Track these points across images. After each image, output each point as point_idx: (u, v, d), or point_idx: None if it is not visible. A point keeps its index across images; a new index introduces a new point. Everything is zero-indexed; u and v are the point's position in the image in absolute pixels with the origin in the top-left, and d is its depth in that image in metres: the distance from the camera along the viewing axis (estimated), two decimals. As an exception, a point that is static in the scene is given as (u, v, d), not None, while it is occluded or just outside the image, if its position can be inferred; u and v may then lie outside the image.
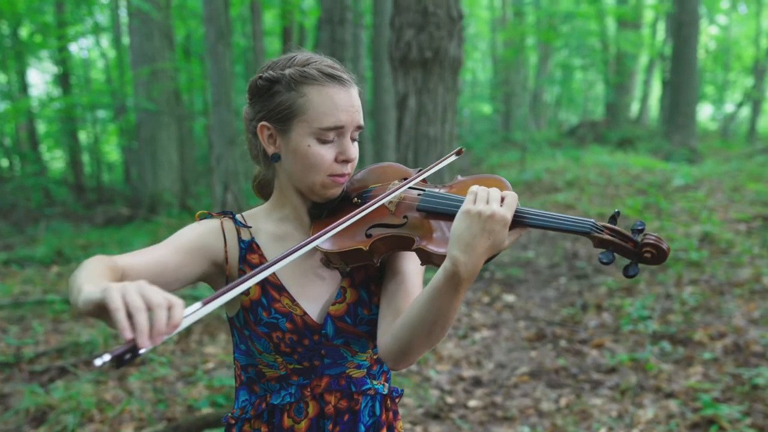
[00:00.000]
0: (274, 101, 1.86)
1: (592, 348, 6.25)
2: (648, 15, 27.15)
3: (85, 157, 25.14)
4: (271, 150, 1.90)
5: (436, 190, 1.87)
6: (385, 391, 1.98)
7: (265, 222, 1.97)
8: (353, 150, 1.87)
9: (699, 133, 19.09)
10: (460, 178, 1.92)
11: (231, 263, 1.91)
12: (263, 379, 1.93)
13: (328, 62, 1.89)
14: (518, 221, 1.68)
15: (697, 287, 7.30)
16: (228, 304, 1.93)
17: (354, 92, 1.89)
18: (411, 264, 1.95)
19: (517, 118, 28.36)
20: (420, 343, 1.73)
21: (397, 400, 2.05)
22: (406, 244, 1.80)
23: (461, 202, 1.75)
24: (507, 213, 1.64)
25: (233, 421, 1.99)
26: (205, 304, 1.42)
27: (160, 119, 14.62)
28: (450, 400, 5.35)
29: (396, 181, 1.95)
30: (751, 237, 8.83)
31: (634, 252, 1.62)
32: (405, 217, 1.83)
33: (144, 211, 14.33)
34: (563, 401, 5.27)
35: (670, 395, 5.16)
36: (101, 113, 24.12)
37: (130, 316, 1.29)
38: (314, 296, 1.92)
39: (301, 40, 21.70)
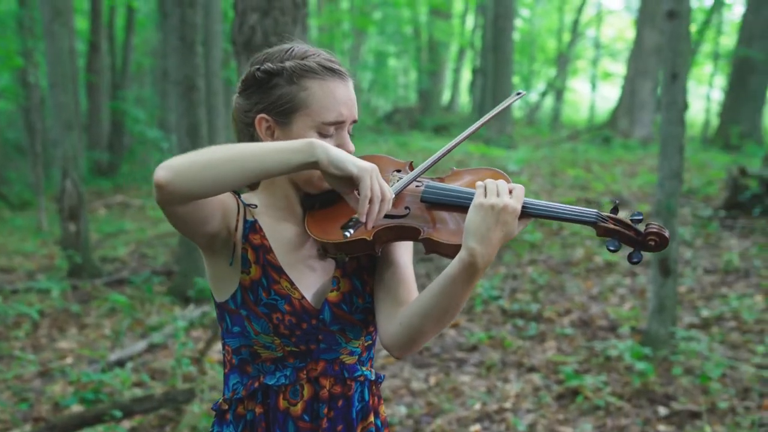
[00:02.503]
0: (274, 94, 1.88)
1: (450, 328, 6.51)
2: (458, 6, 28.17)
3: None
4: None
5: (436, 181, 1.94)
6: (373, 377, 2.04)
7: (260, 209, 1.97)
8: (351, 143, 1.92)
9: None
10: (455, 169, 2.00)
11: (237, 235, 1.91)
12: (258, 359, 1.93)
13: (325, 55, 1.93)
14: (526, 212, 1.79)
15: (538, 267, 7.77)
16: (219, 288, 1.94)
17: (351, 85, 1.94)
18: (405, 254, 2.02)
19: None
20: (430, 330, 1.83)
21: (380, 385, 2.12)
22: (412, 234, 1.86)
23: (465, 193, 1.85)
24: (518, 205, 1.76)
25: (226, 406, 1.98)
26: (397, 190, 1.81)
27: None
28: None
29: (394, 172, 2.00)
30: (577, 219, 9.44)
31: (639, 240, 1.77)
32: (407, 207, 1.89)
33: (-49, 199, 13.33)
34: (432, 380, 5.48)
35: (532, 369, 5.49)
36: None
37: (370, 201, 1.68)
38: (309, 284, 1.95)
39: (111, 20, 20.83)
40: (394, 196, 1.76)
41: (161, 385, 5.20)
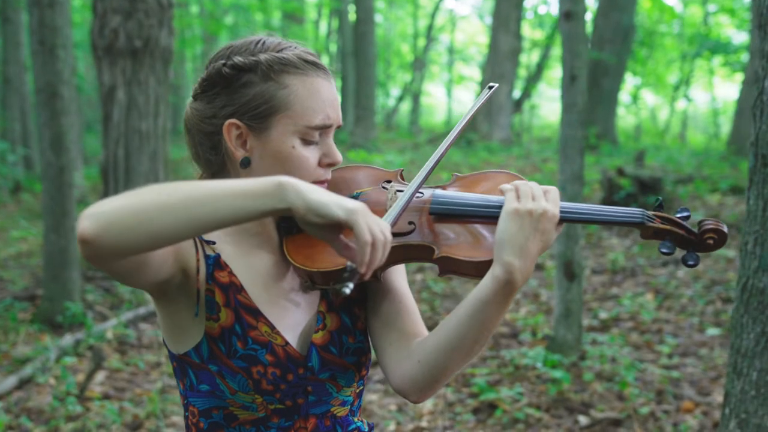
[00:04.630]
0: (247, 94, 1.57)
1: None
2: (311, 12, 27.96)
3: None
4: (240, 153, 1.59)
5: (443, 190, 1.67)
6: (366, 429, 1.75)
7: (222, 237, 1.63)
8: (338, 151, 1.64)
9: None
10: (458, 174, 1.74)
11: (200, 278, 1.57)
12: (234, 422, 1.60)
13: (303, 47, 1.64)
14: (565, 217, 1.56)
15: (428, 273, 7.60)
16: (176, 338, 1.60)
17: (334, 84, 1.65)
18: (401, 278, 1.75)
19: (182, 110, 27.75)
20: (457, 365, 1.57)
21: (368, 437, 1.82)
22: (423, 254, 1.59)
23: (486, 200, 1.60)
24: (556, 209, 1.53)
25: None
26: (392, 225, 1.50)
27: None
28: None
29: (392, 182, 1.71)
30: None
31: (693, 241, 1.56)
32: (411, 222, 1.61)
33: None
34: (338, 400, 5.17)
35: (440, 383, 5.27)
36: None
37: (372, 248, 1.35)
38: (291, 325, 1.63)
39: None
40: (391, 229, 1.46)
41: (43, 427, 4.64)
